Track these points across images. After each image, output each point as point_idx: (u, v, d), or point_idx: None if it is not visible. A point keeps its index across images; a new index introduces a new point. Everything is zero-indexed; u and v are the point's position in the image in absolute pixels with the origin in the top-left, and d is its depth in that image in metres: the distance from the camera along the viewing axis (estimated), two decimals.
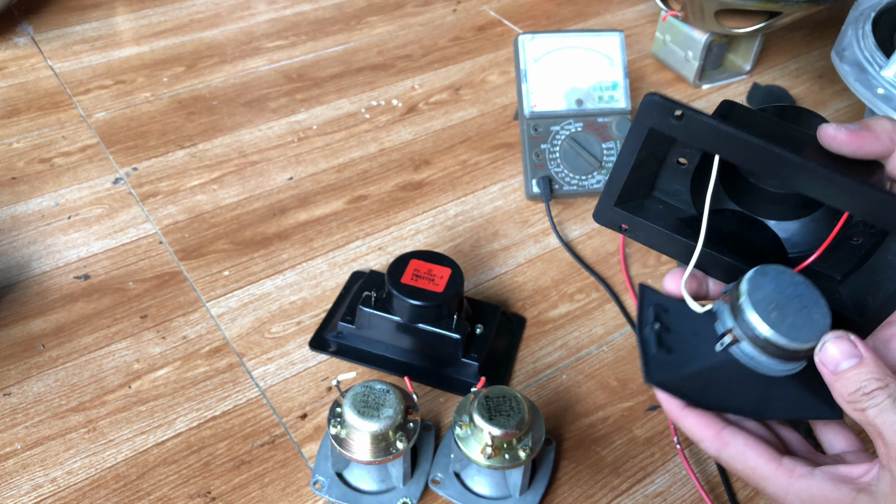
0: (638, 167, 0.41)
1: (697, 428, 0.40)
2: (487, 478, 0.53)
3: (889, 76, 0.64)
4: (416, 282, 0.57)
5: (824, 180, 0.36)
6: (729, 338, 0.38)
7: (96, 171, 0.77)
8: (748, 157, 0.37)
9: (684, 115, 0.37)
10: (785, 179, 0.37)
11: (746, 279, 0.38)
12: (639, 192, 0.44)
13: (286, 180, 0.78)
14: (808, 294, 0.38)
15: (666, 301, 0.42)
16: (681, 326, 0.42)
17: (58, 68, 0.91)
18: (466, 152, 0.83)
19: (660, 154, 0.43)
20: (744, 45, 0.97)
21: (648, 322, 0.42)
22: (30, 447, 0.54)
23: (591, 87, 0.75)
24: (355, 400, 0.49)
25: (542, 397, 0.60)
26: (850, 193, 0.36)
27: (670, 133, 0.38)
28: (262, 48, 0.97)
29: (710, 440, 0.40)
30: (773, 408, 0.40)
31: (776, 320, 0.37)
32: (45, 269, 0.67)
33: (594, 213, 0.43)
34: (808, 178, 0.37)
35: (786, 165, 0.37)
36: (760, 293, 0.38)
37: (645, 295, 0.43)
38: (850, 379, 0.36)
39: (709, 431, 0.40)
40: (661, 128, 0.38)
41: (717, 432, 0.40)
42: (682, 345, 0.41)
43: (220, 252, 0.70)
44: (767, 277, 0.38)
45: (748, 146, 0.37)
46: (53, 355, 0.60)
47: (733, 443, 0.39)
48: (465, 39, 1.02)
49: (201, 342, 0.62)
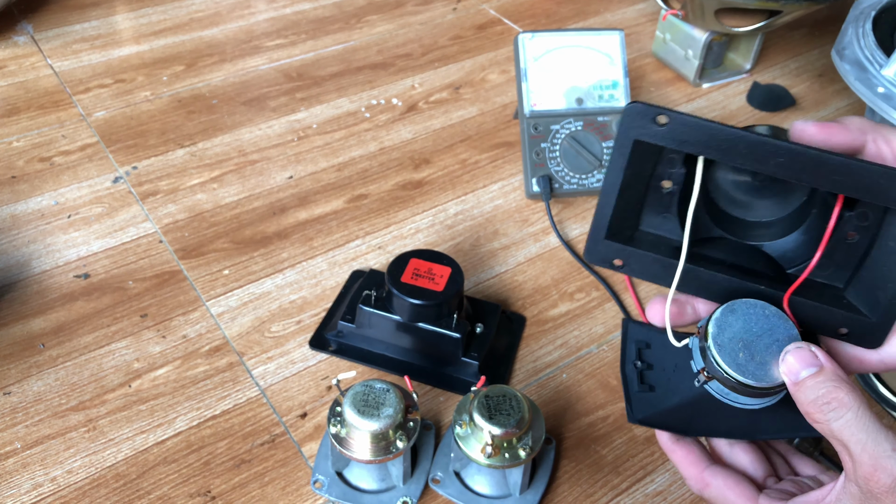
0: (625, 191, 0.40)
1: (683, 464, 0.43)
2: (487, 477, 0.53)
3: (889, 75, 0.64)
4: (416, 281, 0.57)
5: (815, 161, 0.36)
6: (703, 376, 0.38)
7: (96, 170, 0.77)
8: (737, 151, 0.37)
9: (669, 118, 0.37)
10: (775, 168, 0.36)
11: (713, 320, 0.38)
12: (627, 224, 0.43)
13: (286, 179, 0.78)
14: (779, 326, 0.38)
15: (648, 335, 0.43)
16: (663, 360, 0.42)
17: (57, 67, 0.91)
18: (466, 151, 0.83)
19: (643, 177, 0.42)
20: (744, 43, 0.97)
21: (631, 360, 0.43)
22: (30, 446, 0.54)
23: (592, 85, 0.75)
24: (355, 399, 0.49)
25: (542, 396, 0.60)
26: (842, 172, 0.35)
27: (655, 141, 0.38)
28: (261, 47, 0.97)
29: (693, 479, 0.43)
30: (763, 429, 0.41)
31: (743, 361, 0.37)
32: (45, 268, 0.67)
33: (585, 253, 0.43)
34: (799, 163, 0.36)
35: (775, 152, 0.36)
36: (727, 333, 0.37)
37: (628, 330, 0.44)
38: (809, 387, 0.36)
39: (693, 470, 0.43)
40: (646, 137, 0.38)
41: (699, 472, 0.42)
42: (664, 380, 0.42)
43: (220, 251, 0.69)
44: (736, 315, 0.38)
45: (736, 139, 0.36)
46: (53, 354, 0.60)
47: (714, 483, 0.42)
48: (465, 38, 1.02)
49: (201, 341, 0.62)
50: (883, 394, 0.60)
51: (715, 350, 0.37)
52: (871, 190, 0.35)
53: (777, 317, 0.38)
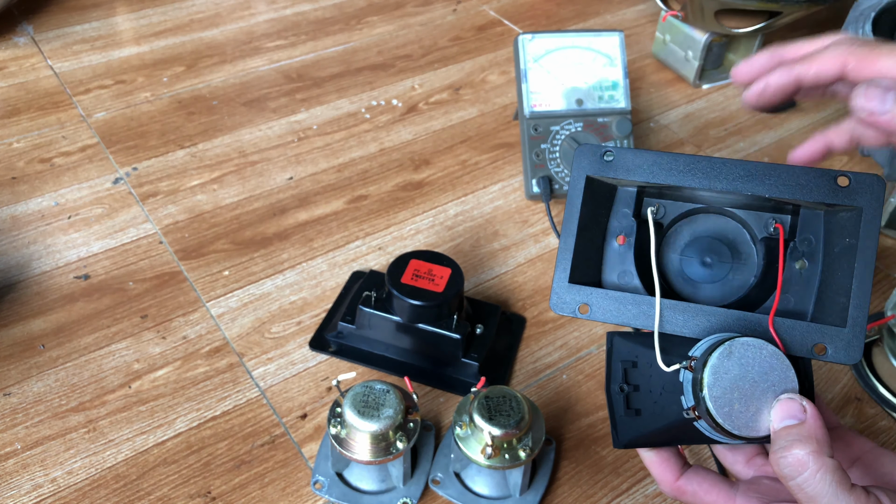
0: (583, 232, 0.43)
1: (657, 469, 0.42)
2: (487, 478, 0.53)
3: None
4: (416, 282, 0.57)
5: (745, 168, 0.40)
6: (693, 414, 0.37)
7: (96, 171, 0.77)
8: (677, 169, 0.41)
9: (613, 153, 0.42)
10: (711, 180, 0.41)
11: (710, 367, 0.36)
12: (590, 271, 0.44)
13: (286, 180, 0.78)
14: (775, 369, 0.37)
15: (635, 351, 0.42)
16: (649, 381, 0.41)
17: (58, 68, 0.91)
18: (466, 152, 0.83)
19: (600, 226, 0.44)
20: (744, 44, 0.97)
21: (617, 381, 0.42)
22: (30, 447, 0.54)
23: (591, 86, 0.75)
24: (355, 400, 0.49)
25: (543, 397, 0.60)
26: (771, 175, 0.40)
27: (605, 173, 0.42)
28: (262, 48, 0.97)
29: (667, 485, 0.42)
30: None
31: (738, 413, 0.36)
32: (45, 268, 0.67)
33: (551, 304, 0.43)
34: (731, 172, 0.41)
35: (709, 165, 0.41)
36: (723, 383, 0.36)
37: (613, 346, 0.43)
38: (780, 436, 0.35)
39: (667, 476, 0.42)
40: (597, 172, 0.43)
41: (673, 478, 0.42)
42: (650, 403, 0.41)
43: (220, 252, 0.70)
44: (732, 360, 0.37)
45: (674, 158, 0.41)
46: (53, 355, 0.60)
47: (689, 490, 0.41)
48: (465, 39, 1.02)
49: (201, 342, 0.62)
50: (883, 394, 0.60)
51: (710, 403, 0.36)
52: (800, 188, 0.40)
53: (774, 357, 0.37)
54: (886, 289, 0.69)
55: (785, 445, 0.34)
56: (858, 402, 0.61)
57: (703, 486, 0.41)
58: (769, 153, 0.86)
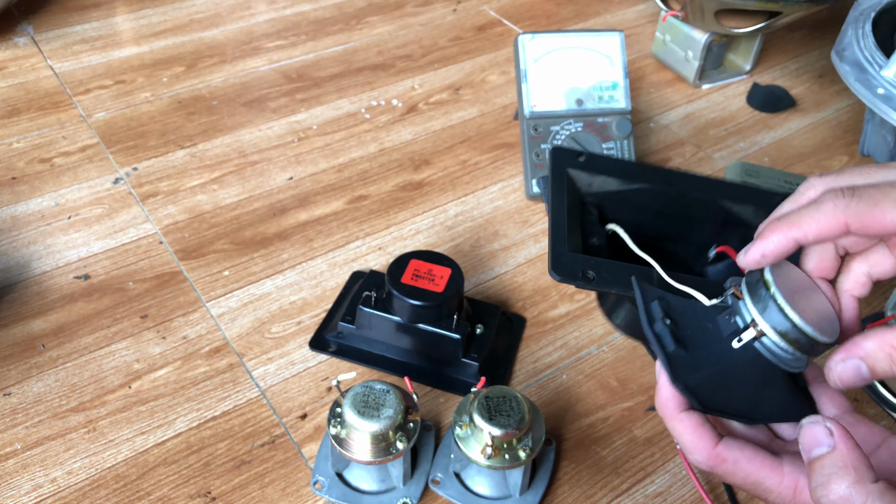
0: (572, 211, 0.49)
1: (692, 438, 0.38)
2: (487, 478, 0.53)
3: (889, 76, 0.64)
4: (416, 282, 0.57)
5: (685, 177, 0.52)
6: (752, 332, 0.36)
7: (96, 171, 0.77)
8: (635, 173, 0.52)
9: (585, 154, 0.52)
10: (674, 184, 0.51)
11: (769, 270, 0.36)
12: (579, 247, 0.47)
13: (286, 180, 0.78)
14: (811, 286, 0.37)
15: (666, 296, 0.41)
16: (688, 322, 0.40)
17: (58, 68, 0.91)
18: (466, 152, 0.83)
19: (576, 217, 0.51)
20: (744, 44, 0.97)
21: (658, 317, 0.39)
22: (30, 447, 0.54)
23: (591, 87, 0.75)
24: (355, 400, 0.49)
25: (542, 397, 0.60)
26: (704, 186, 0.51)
27: (581, 169, 0.51)
28: (262, 48, 0.97)
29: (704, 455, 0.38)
30: (762, 412, 0.39)
31: (804, 312, 0.35)
32: (45, 269, 0.67)
33: (550, 268, 0.42)
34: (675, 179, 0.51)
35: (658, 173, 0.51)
36: (785, 283, 0.35)
37: (644, 290, 0.41)
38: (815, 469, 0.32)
39: (703, 444, 0.38)
40: (573, 168, 0.51)
41: (710, 446, 0.37)
42: (695, 342, 0.39)
43: (220, 252, 0.70)
44: (782, 270, 0.37)
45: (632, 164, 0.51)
46: (53, 355, 0.60)
47: (730, 458, 0.37)
48: (465, 39, 1.02)
49: (201, 342, 0.62)
50: (883, 394, 0.60)
51: (782, 297, 0.34)
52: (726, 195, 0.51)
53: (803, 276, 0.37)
54: (886, 289, 0.69)
55: (823, 482, 0.32)
56: (858, 402, 0.61)
57: (745, 452, 0.37)
58: (769, 153, 0.86)
